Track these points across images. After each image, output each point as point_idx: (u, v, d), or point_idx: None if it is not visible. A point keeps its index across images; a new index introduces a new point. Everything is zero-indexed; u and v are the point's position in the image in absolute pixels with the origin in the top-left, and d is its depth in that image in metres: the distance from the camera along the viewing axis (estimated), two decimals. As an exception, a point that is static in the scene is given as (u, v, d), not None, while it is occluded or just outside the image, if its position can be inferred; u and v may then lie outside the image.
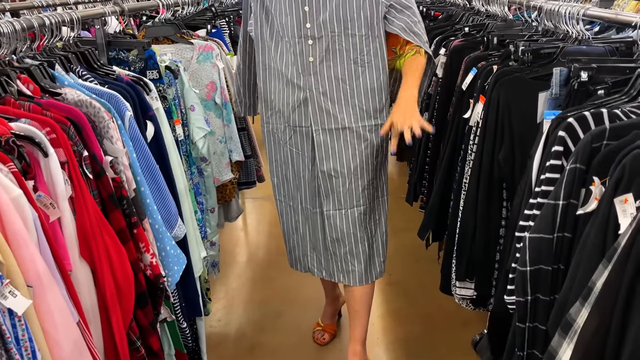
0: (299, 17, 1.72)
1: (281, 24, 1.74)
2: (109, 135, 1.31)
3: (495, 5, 2.33)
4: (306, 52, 1.75)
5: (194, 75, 2.43)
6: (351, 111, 1.81)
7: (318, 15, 1.70)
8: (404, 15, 1.73)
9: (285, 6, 1.72)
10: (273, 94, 1.86)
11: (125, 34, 2.05)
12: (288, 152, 1.91)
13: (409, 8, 1.74)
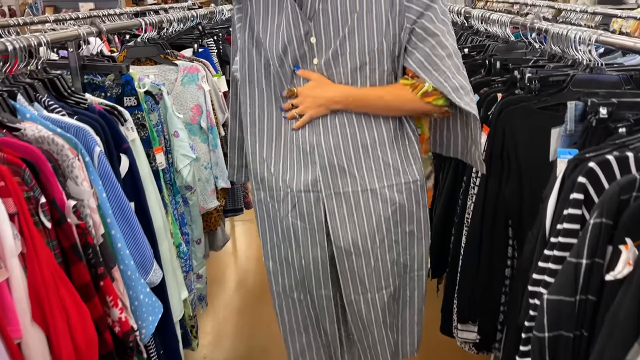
0: (304, 50, 1.34)
1: (281, 64, 1.38)
2: (74, 175, 1.18)
3: (495, 26, 2.22)
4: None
5: (178, 98, 2.29)
6: (373, 167, 1.39)
7: (328, 48, 1.33)
8: (426, 44, 1.31)
9: (283, 36, 1.34)
10: (266, 152, 1.45)
11: (103, 56, 1.92)
12: (290, 226, 1.44)
13: (434, 35, 1.30)
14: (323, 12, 1.31)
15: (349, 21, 1.30)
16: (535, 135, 1.47)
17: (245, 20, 1.42)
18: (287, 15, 1.34)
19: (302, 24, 1.33)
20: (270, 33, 1.37)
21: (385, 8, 1.30)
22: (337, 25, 1.31)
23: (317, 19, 1.32)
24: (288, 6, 1.33)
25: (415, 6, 1.30)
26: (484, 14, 2.40)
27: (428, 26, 1.30)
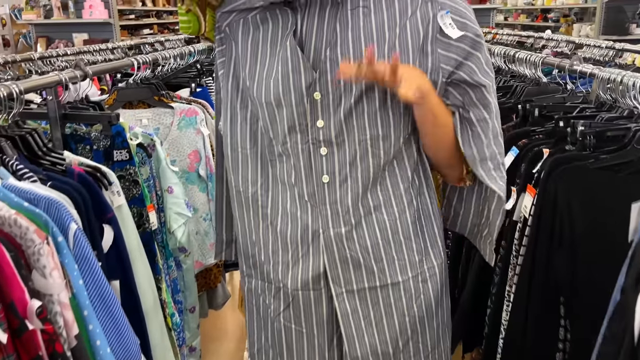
0: (304, 108, 1.04)
1: (271, 121, 1.07)
2: (40, 264, 0.94)
3: (523, 66, 2.02)
4: (318, 169, 1.07)
5: (174, 143, 2.07)
6: (395, 256, 1.11)
7: (338, 106, 1.03)
8: (465, 97, 1.07)
9: (277, 86, 1.04)
10: (255, 233, 1.17)
11: (88, 102, 1.70)
12: (282, 330, 1.17)
13: (475, 88, 1.06)
14: (332, 61, 1.02)
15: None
16: (594, 200, 1.25)
17: (229, 65, 1.13)
18: (284, 59, 1.03)
19: (304, 73, 1.02)
20: (259, 82, 1.06)
21: (414, 56, 1.02)
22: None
23: (324, 70, 1.02)
24: (287, 48, 1.03)
25: (454, 55, 1.03)
26: (507, 51, 2.20)
27: (467, 79, 1.05)
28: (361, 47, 1.02)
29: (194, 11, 1.16)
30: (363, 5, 1.03)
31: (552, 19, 8.26)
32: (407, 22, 1.03)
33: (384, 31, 1.02)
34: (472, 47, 1.04)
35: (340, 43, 1.02)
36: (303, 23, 1.05)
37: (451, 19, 1.03)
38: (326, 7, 1.04)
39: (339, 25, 1.03)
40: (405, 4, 1.04)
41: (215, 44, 1.15)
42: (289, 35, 1.04)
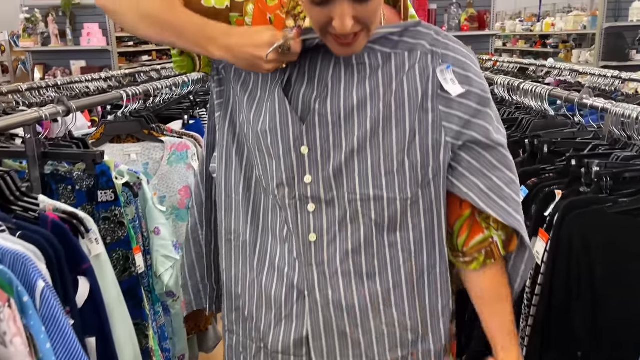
0: (291, 162, 0.97)
1: (263, 171, 1.01)
2: (0, 331, 0.84)
3: (529, 98, 1.94)
4: (304, 226, 0.98)
5: (164, 179, 1.98)
6: (385, 331, 1.00)
7: (326, 162, 0.95)
8: (483, 163, 0.95)
9: (266, 142, 0.98)
10: (241, 285, 1.08)
11: (72, 139, 1.61)
12: None
13: (491, 149, 0.95)
14: (321, 116, 0.94)
15: (359, 129, 0.93)
16: (615, 245, 1.15)
17: (226, 108, 1.05)
18: (272, 110, 0.97)
19: (291, 126, 0.95)
20: (252, 130, 1.00)
21: (411, 114, 0.93)
22: (340, 133, 0.94)
23: (312, 122, 0.95)
24: (275, 98, 0.97)
25: (457, 112, 0.93)
26: (511, 82, 2.12)
27: (481, 138, 0.93)
28: (352, 102, 0.94)
29: (187, 52, 1.08)
30: (357, 62, 0.95)
31: (551, 45, 8.27)
32: (404, 77, 0.94)
33: (379, 88, 0.94)
34: (479, 104, 0.94)
35: (330, 97, 0.95)
36: (293, 74, 0.99)
37: (453, 74, 0.94)
38: (318, 62, 0.97)
39: (331, 80, 0.96)
40: (402, 58, 0.95)
41: (213, 84, 1.08)
42: (278, 85, 0.98)
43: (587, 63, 6.60)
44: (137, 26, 0.99)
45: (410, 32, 0.95)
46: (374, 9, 0.86)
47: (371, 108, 0.93)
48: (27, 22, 6.14)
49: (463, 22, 6.15)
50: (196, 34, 0.95)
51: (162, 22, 0.97)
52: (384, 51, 0.95)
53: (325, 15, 0.86)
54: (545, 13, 9.95)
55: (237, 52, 0.93)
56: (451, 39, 0.98)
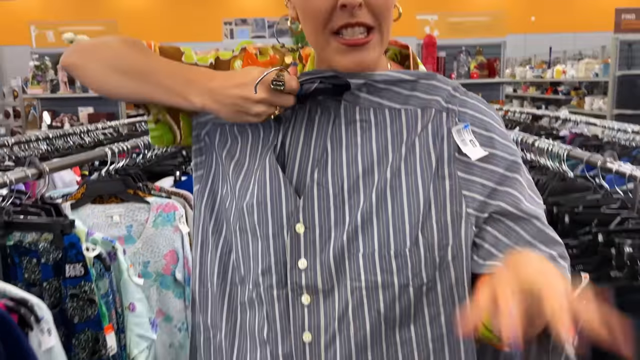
0: (283, 243, 0.81)
1: (244, 255, 0.84)
2: None
3: (544, 157, 1.79)
4: (297, 323, 0.81)
5: (148, 242, 1.83)
6: None
7: (326, 243, 0.79)
8: (521, 230, 0.78)
9: (252, 219, 0.82)
10: None
11: (44, 203, 1.47)
12: None
13: (525, 222, 0.78)
14: (320, 186, 0.80)
15: (364, 203, 0.78)
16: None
17: (206, 180, 0.90)
18: (261, 180, 0.82)
19: (285, 199, 0.80)
20: (233, 203, 0.84)
21: (425, 182, 0.79)
22: (343, 207, 0.79)
23: (310, 197, 0.80)
24: (266, 167, 0.83)
25: (480, 179, 0.79)
26: (525, 138, 1.98)
27: (510, 209, 0.78)
28: (357, 170, 0.79)
29: (164, 120, 0.93)
30: (361, 119, 0.81)
31: (562, 92, 8.18)
32: (416, 139, 0.80)
33: (387, 151, 0.80)
34: (506, 169, 0.79)
35: (331, 164, 0.80)
36: (287, 137, 0.84)
37: (472, 134, 0.79)
38: (315, 119, 0.83)
39: (330, 142, 0.81)
40: (414, 116, 0.81)
41: (193, 155, 0.93)
42: (269, 152, 0.83)
43: (601, 110, 6.48)
44: (106, 80, 0.86)
45: (424, 85, 0.82)
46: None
47: (378, 175, 0.79)
48: (37, 70, 6.18)
49: (472, 69, 6.08)
50: (175, 80, 0.82)
51: (134, 70, 0.84)
52: (392, 107, 0.81)
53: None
54: (556, 60, 9.92)
55: (220, 95, 0.79)
56: (470, 95, 0.84)
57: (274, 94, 0.78)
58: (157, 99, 0.86)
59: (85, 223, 1.83)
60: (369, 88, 0.82)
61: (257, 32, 6.36)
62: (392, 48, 0.92)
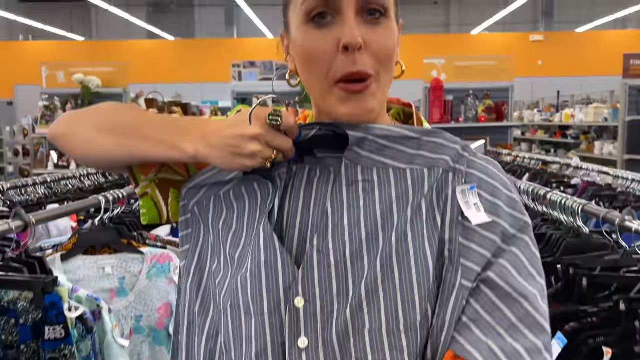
0: (280, 320, 0.72)
1: (235, 336, 0.74)
2: None
3: (557, 211, 1.70)
4: None
5: (142, 295, 1.74)
6: None
7: (328, 317, 0.71)
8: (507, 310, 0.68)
9: (245, 293, 0.73)
10: None
11: (28, 257, 1.40)
12: None
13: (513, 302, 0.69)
14: (321, 254, 0.72)
15: (369, 271, 0.71)
16: None
17: (192, 255, 0.81)
18: (256, 250, 0.74)
19: (282, 270, 0.72)
20: (224, 278, 0.76)
21: (432, 248, 0.71)
22: (346, 277, 0.71)
23: (310, 266, 0.72)
24: (260, 235, 0.75)
25: (478, 248, 0.70)
26: (537, 190, 1.90)
27: (499, 283, 0.69)
28: (360, 235, 0.72)
29: (151, 194, 0.85)
30: (364, 179, 0.75)
31: (571, 136, 8.13)
32: (423, 200, 0.73)
33: (392, 214, 0.72)
34: (503, 241, 0.70)
35: (332, 229, 0.73)
36: (285, 201, 0.78)
37: (478, 197, 0.72)
38: (314, 180, 0.78)
39: (330, 205, 0.74)
40: (421, 176, 0.74)
41: (179, 228, 0.85)
42: (264, 218, 0.76)
43: (611, 155, 6.40)
44: (93, 142, 0.81)
45: (430, 144, 0.75)
46: (387, 35, 0.73)
47: (383, 240, 0.71)
48: (46, 110, 6.23)
49: (480, 113, 6.06)
50: (164, 129, 0.78)
51: (122, 126, 0.79)
52: (397, 167, 0.75)
53: (328, 39, 0.71)
54: (564, 103, 9.92)
55: (213, 139, 0.75)
56: (480, 156, 0.76)
57: (270, 131, 0.73)
58: (146, 154, 0.80)
59: (76, 275, 1.76)
60: (371, 146, 0.76)
61: (265, 75, 6.41)
62: (395, 107, 0.86)
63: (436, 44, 13.75)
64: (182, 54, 14.01)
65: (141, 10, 17.14)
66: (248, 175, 0.79)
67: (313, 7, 0.72)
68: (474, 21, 16.59)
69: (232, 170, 0.79)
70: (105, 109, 0.84)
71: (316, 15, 0.72)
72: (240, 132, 0.73)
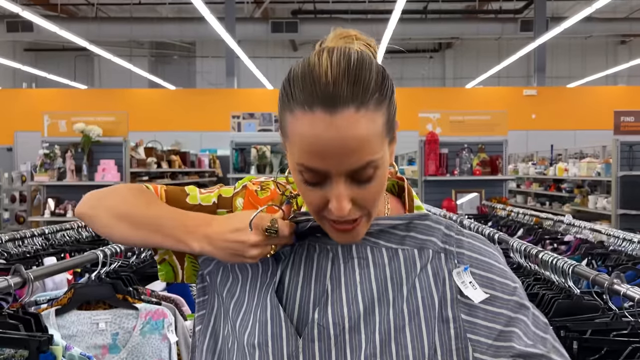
0: None
1: None
2: None
3: (549, 271, 1.73)
4: None
5: (134, 352, 1.74)
6: None
7: None
8: None
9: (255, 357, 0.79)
10: None
11: (25, 313, 1.41)
12: None
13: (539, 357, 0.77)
14: (321, 327, 0.77)
15: (367, 346, 0.76)
16: None
17: (208, 320, 0.88)
18: (262, 321, 0.80)
19: (286, 340, 0.78)
20: (234, 345, 0.82)
21: (429, 324, 0.76)
22: (345, 349, 0.76)
23: (311, 338, 0.78)
24: (267, 307, 0.81)
25: (484, 322, 0.76)
26: (529, 248, 1.93)
27: (522, 349, 0.75)
28: (358, 309, 0.77)
29: (169, 260, 0.94)
30: (358, 256, 0.80)
31: (565, 190, 8.21)
32: (417, 280, 0.78)
33: (387, 290, 0.78)
34: (511, 310, 0.76)
35: (331, 304, 0.78)
36: (286, 274, 0.84)
37: (471, 276, 0.77)
38: (314, 257, 0.83)
39: (329, 281, 0.80)
40: (412, 256, 0.80)
41: (196, 294, 0.92)
42: (270, 291, 0.82)
43: (605, 210, 6.45)
44: (113, 227, 0.89)
45: (418, 226, 0.81)
46: (374, 192, 0.76)
47: (380, 316, 0.76)
48: (46, 157, 6.29)
49: (475, 166, 6.15)
50: (174, 227, 0.85)
51: (138, 219, 0.87)
52: (389, 246, 0.80)
53: (320, 197, 0.75)
54: (557, 157, 10.06)
55: (216, 241, 0.81)
56: (465, 234, 0.82)
57: (269, 239, 0.80)
58: (159, 244, 0.89)
59: (69, 330, 1.76)
60: None
61: (263, 126, 6.53)
62: (391, 180, 0.91)
63: (432, 96, 14.05)
64: (182, 103, 14.25)
65: (143, 60, 17.57)
66: None
67: (306, 177, 0.75)
68: (469, 75, 17.04)
69: None
70: (122, 196, 0.91)
71: (308, 182, 0.75)
72: (241, 239, 0.79)
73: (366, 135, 0.72)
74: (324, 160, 0.72)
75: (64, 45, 16.65)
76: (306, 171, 0.74)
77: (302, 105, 0.72)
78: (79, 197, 4.26)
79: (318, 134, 0.71)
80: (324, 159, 0.72)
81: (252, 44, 15.70)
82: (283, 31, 13.93)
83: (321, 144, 0.71)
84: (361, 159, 0.72)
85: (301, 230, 0.82)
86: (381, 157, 0.75)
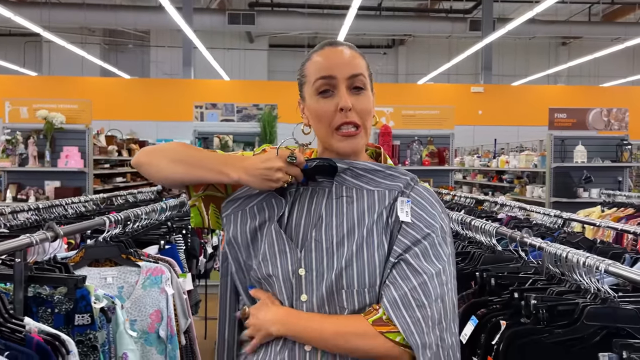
0: (291, 283, 1.14)
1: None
2: None
3: (479, 234, 2.15)
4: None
5: (137, 302, 2.05)
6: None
7: (320, 282, 1.12)
8: (406, 283, 1.08)
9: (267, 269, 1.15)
10: None
11: (55, 263, 1.71)
12: None
13: (417, 275, 1.08)
14: (317, 242, 1.14)
15: (346, 251, 1.11)
16: (552, 376, 1.28)
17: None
18: (270, 242, 1.16)
19: (289, 253, 1.14)
20: (253, 262, 1.18)
21: (387, 239, 1.13)
22: (333, 256, 1.12)
23: (309, 249, 1.13)
24: (272, 232, 1.17)
25: (404, 238, 1.12)
26: (463, 218, 2.35)
27: (412, 262, 1.09)
28: (343, 230, 1.13)
29: (198, 206, 1.27)
30: (347, 195, 1.17)
31: (507, 180, 8.85)
32: (383, 210, 1.15)
33: (364, 217, 1.14)
34: (423, 237, 1.11)
35: (325, 226, 1.15)
36: (294, 209, 1.19)
37: (410, 207, 1.14)
38: (314, 196, 1.19)
39: (324, 210, 1.16)
40: (383, 195, 1.16)
41: (225, 224, 1.23)
42: (274, 221, 1.18)
43: (540, 198, 7.07)
44: (167, 168, 1.22)
45: (391, 175, 1.18)
46: (365, 103, 1.17)
47: (357, 233, 1.13)
48: (8, 144, 6.34)
49: (424, 157, 6.62)
50: (217, 163, 1.19)
51: (188, 159, 1.20)
52: (368, 189, 1.17)
53: (332, 104, 1.15)
54: (500, 150, 10.74)
55: (251, 169, 1.15)
56: (422, 187, 1.19)
57: (289, 165, 1.15)
58: (203, 177, 1.21)
59: (81, 283, 2.05)
60: (353, 173, 1.18)
61: (226, 116, 6.76)
62: (370, 149, 1.27)
63: (385, 91, 14.57)
64: (144, 93, 14.18)
65: (95, 48, 17.29)
66: (269, 194, 1.20)
67: (321, 86, 1.16)
68: (420, 71, 17.66)
69: (261, 190, 1.18)
70: (174, 147, 1.24)
71: (322, 91, 1.16)
72: (270, 165, 1.14)
73: (358, 60, 1.17)
74: (332, 69, 1.15)
75: (11, 31, 16.21)
76: (321, 81, 1.15)
77: (316, 51, 1.19)
78: (41, 183, 4.56)
79: (327, 55, 1.18)
80: (331, 69, 1.15)
81: (208, 34, 15.74)
82: (240, 23, 14.03)
83: (329, 60, 1.16)
84: (356, 69, 1.16)
85: (309, 166, 1.16)
86: (368, 84, 1.18)
